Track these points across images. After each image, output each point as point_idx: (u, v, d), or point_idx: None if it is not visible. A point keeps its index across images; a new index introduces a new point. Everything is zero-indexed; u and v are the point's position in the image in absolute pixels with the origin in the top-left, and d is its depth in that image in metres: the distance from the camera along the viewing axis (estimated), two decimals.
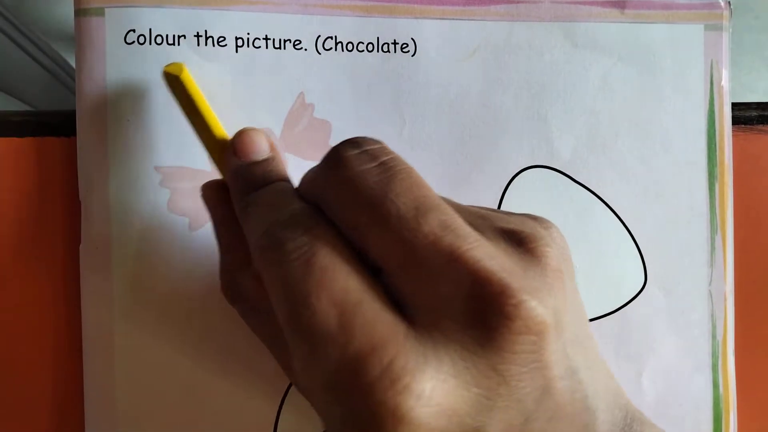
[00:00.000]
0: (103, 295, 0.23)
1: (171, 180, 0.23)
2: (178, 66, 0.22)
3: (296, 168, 0.24)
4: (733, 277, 0.25)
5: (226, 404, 0.23)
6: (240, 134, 0.19)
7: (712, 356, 0.25)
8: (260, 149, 0.19)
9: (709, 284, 0.25)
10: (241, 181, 0.19)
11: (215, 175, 0.23)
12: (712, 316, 0.25)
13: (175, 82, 0.21)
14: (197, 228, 0.23)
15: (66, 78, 0.65)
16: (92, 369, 0.23)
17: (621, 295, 0.25)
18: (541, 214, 0.24)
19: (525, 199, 0.24)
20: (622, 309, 0.24)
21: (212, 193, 0.20)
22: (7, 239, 0.25)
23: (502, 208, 0.24)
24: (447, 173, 0.24)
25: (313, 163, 0.24)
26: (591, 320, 0.24)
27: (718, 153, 0.25)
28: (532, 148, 0.24)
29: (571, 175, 0.24)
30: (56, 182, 0.25)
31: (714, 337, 0.25)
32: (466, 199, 0.24)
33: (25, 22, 0.61)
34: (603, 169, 0.24)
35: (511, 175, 0.24)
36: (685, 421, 0.25)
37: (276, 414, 0.24)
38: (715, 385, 0.25)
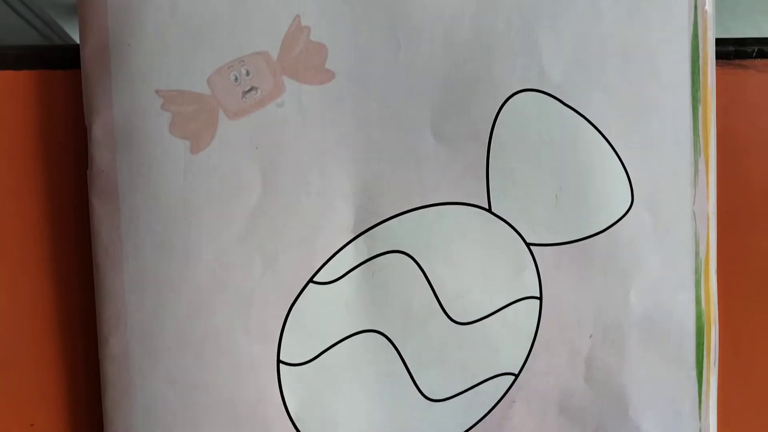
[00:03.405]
0: (112, 218, 0.24)
1: (172, 103, 0.24)
2: None
3: (293, 92, 0.24)
4: (716, 199, 0.26)
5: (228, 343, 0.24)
6: None
7: (695, 273, 0.26)
8: None
9: (693, 204, 0.26)
10: None
11: (216, 98, 0.24)
12: (696, 234, 0.26)
13: None
14: (198, 151, 0.24)
15: (59, 42, 0.64)
16: (103, 292, 0.24)
17: (609, 215, 0.25)
18: (531, 137, 0.25)
19: (517, 122, 0.25)
20: (611, 228, 0.25)
21: None
22: (12, 170, 0.26)
23: (495, 130, 0.25)
24: (443, 97, 0.25)
25: (310, 87, 0.25)
26: (581, 240, 0.25)
27: (701, 77, 0.26)
28: (523, 72, 0.25)
29: (560, 97, 0.25)
30: (59, 113, 0.26)
31: (697, 255, 0.26)
32: (460, 123, 0.25)
33: None
34: (592, 91, 0.25)
35: (504, 98, 0.25)
36: (670, 335, 0.26)
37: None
38: (698, 301, 0.26)
